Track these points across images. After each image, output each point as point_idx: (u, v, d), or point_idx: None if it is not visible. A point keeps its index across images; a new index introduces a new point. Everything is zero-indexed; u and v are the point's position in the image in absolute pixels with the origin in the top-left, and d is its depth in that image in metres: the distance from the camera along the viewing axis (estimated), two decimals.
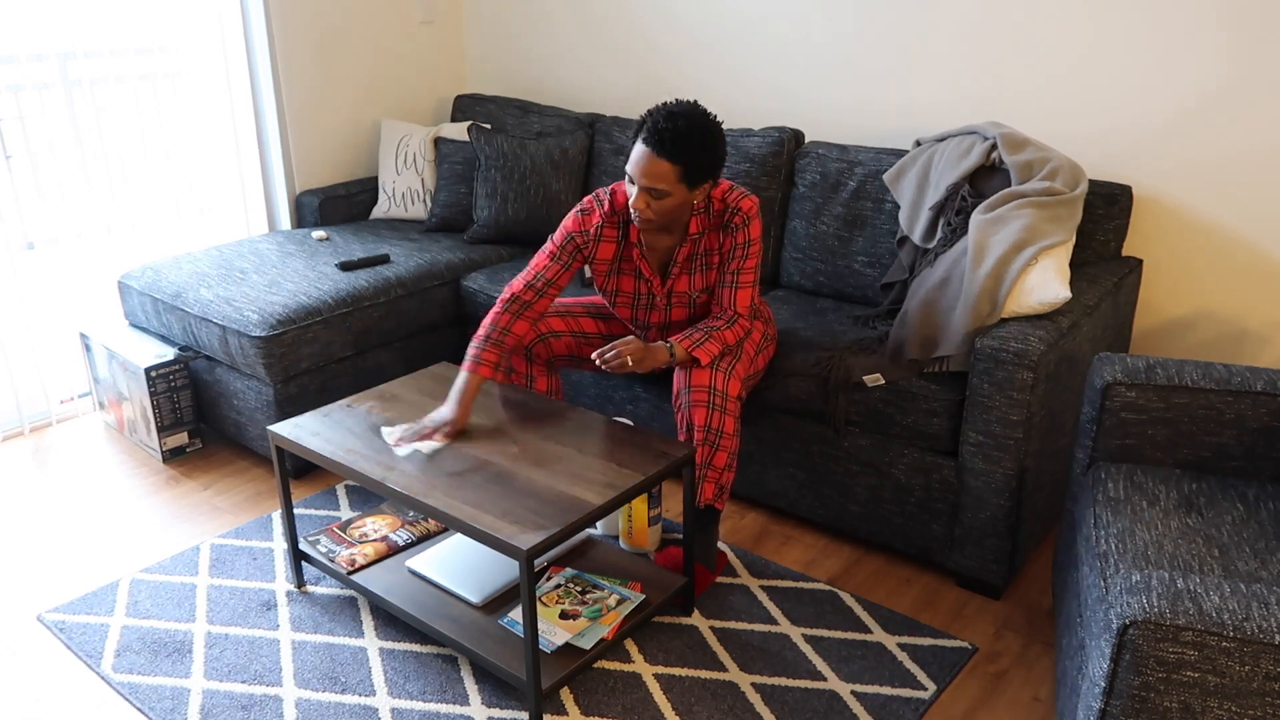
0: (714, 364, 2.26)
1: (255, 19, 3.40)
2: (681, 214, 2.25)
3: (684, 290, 2.37)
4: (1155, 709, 1.42)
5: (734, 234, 2.28)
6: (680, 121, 2.09)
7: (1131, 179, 2.66)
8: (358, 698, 2.05)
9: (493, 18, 3.93)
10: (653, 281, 2.36)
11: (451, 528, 1.98)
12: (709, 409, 2.23)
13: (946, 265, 2.43)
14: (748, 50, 3.26)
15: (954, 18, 2.82)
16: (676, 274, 2.35)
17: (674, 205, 2.17)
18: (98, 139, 3.25)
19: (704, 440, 2.24)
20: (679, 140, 2.08)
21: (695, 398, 2.24)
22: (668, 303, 2.39)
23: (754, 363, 2.40)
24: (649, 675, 2.11)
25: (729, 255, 2.31)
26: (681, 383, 2.28)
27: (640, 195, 2.16)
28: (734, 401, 2.26)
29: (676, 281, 2.36)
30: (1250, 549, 1.69)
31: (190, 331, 2.94)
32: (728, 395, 2.25)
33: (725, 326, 2.30)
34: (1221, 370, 1.96)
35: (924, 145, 2.74)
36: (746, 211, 2.27)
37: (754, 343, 2.41)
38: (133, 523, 2.71)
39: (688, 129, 2.09)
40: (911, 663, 2.13)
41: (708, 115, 2.14)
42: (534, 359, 2.52)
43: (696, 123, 2.10)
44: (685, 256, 2.33)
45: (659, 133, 2.08)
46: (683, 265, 2.34)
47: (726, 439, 2.25)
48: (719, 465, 2.27)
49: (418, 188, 3.59)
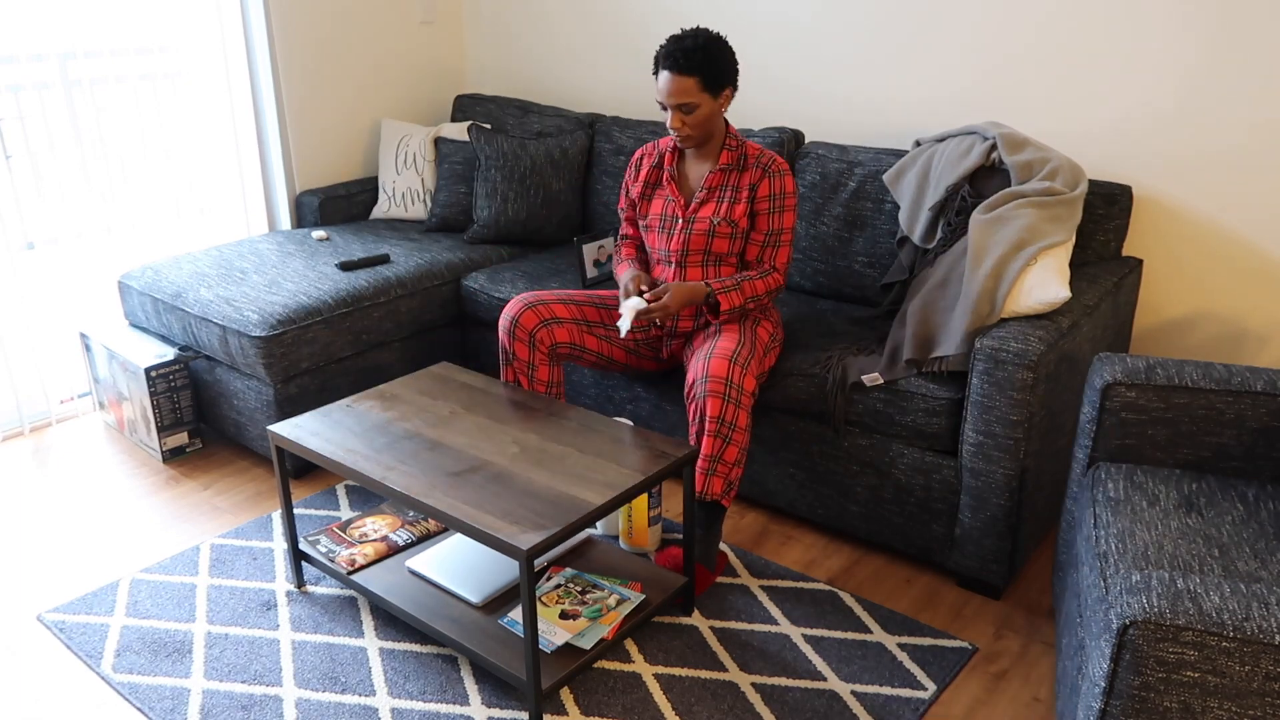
0: (733, 357, 2.27)
1: (255, 19, 3.41)
2: (714, 129, 2.45)
3: (707, 216, 2.47)
4: (1155, 709, 1.42)
5: (772, 180, 2.44)
6: (687, 40, 2.34)
7: (1131, 179, 2.66)
8: (358, 698, 2.05)
9: (493, 18, 3.93)
10: (678, 202, 2.52)
11: (451, 528, 1.98)
12: (724, 400, 2.24)
13: (946, 266, 2.43)
14: (747, 50, 3.26)
15: (954, 18, 2.83)
16: (703, 198, 2.49)
17: (705, 116, 2.38)
18: (98, 139, 3.25)
19: (715, 432, 2.24)
20: (690, 55, 2.32)
21: (711, 388, 2.24)
22: (689, 228, 2.49)
23: (763, 362, 2.42)
24: (649, 675, 2.11)
25: (766, 205, 2.45)
26: (698, 373, 2.28)
27: (674, 115, 2.39)
28: (749, 396, 2.27)
29: (702, 207, 2.49)
30: (1250, 549, 1.69)
31: (190, 331, 2.94)
32: (743, 389, 2.25)
33: (758, 276, 2.45)
34: (1221, 370, 1.96)
35: (924, 145, 2.74)
36: (781, 163, 2.46)
37: (763, 342, 2.43)
38: (133, 523, 2.71)
39: (694, 44, 2.33)
40: (911, 663, 2.14)
41: (709, 31, 2.37)
42: (536, 345, 2.52)
43: (702, 37, 2.34)
44: (712, 184, 2.48)
45: (672, 54, 2.33)
46: (709, 192, 2.48)
47: (739, 433, 2.26)
48: (729, 460, 2.27)
49: (418, 188, 3.60)
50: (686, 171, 2.55)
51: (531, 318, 2.52)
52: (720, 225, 2.46)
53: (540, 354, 2.54)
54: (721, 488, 2.30)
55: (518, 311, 2.52)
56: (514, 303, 2.55)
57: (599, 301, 2.61)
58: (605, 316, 2.60)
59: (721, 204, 2.46)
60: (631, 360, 2.66)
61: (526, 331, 2.51)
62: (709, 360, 2.27)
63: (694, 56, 2.31)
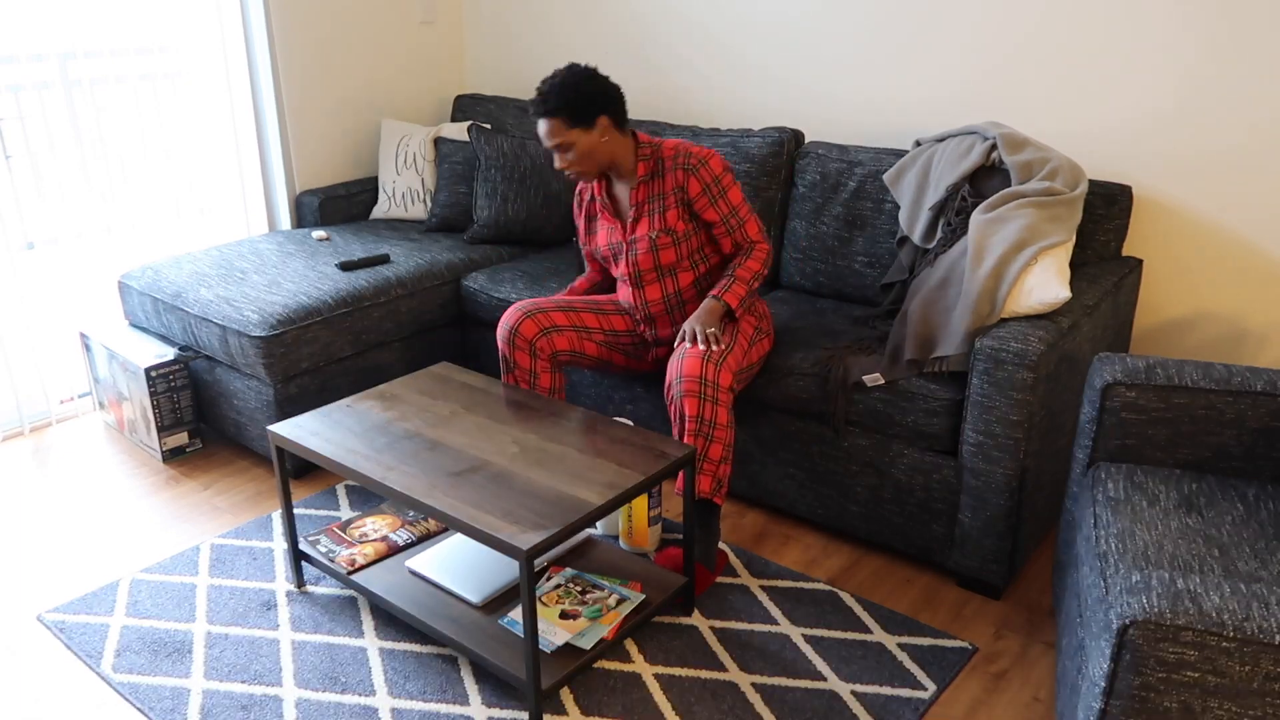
0: (706, 355, 2.27)
1: (255, 19, 3.40)
2: (607, 159, 2.44)
3: (644, 233, 2.48)
4: (1155, 709, 1.42)
5: (695, 173, 2.42)
6: (546, 83, 2.36)
7: (1131, 179, 2.66)
8: (358, 698, 2.05)
9: (493, 18, 3.93)
10: (616, 227, 2.54)
11: (451, 528, 1.98)
12: (700, 399, 2.24)
13: (946, 266, 2.43)
14: (747, 50, 3.26)
15: (955, 18, 2.83)
16: (634, 216, 2.50)
17: (584, 150, 2.39)
18: (98, 139, 3.25)
19: (696, 431, 2.25)
20: (547, 98, 2.35)
21: (686, 388, 2.24)
22: (633, 250, 2.50)
23: (748, 355, 2.41)
24: (649, 675, 2.11)
25: (705, 199, 2.44)
26: (673, 374, 2.28)
27: (558, 156, 2.42)
28: (726, 393, 2.26)
29: (636, 226, 2.50)
30: (1250, 549, 1.69)
31: (190, 331, 2.94)
32: (719, 386, 2.25)
33: (745, 258, 2.47)
34: (1221, 370, 1.96)
35: (924, 145, 2.74)
36: (699, 154, 2.43)
37: (746, 335, 2.43)
38: (133, 523, 2.71)
39: (551, 85, 2.35)
40: (911, 663, 2.14)
41: (571, 67, 2.38)
42: (537, 354, 2.52)
43: (560, 76, 2.36)
44: (639, 199, 2.49)
45: (535, 100, 2.37)
46: (639, 208, 2.49)
47: (720, 430, 2.26)
48: (714, 458, 2.27)
49: (418, 188, 3.60)
50: (617, 195, 2.55)
51: (531, 327, 2.52)
52: (659, 238, 2.46)
53: (542, 362, 2.54)
54: (710, 485, 2.30)
55: (516, 321, 2.52)
56: (512, 311, 2.55)
57: (595, 307, 2.62)
58: (603, 322, 2.60)
59: (654, 216, 2.47)
60: (631, 362, 2.67)
61: (526, 340, 2.52)
62: (683, 360, 2.28)
63: (550, 99, 2.33)
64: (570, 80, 2.34)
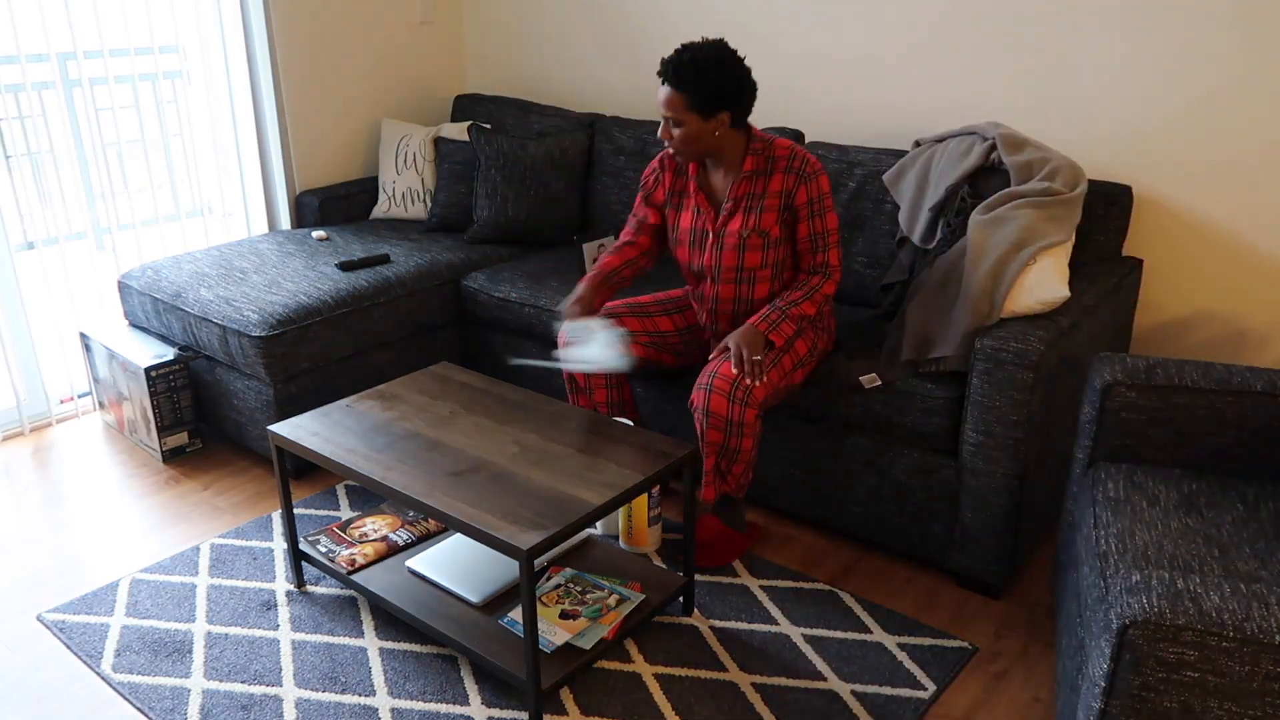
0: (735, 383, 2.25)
1: (255, 19, 3.40)
2: (712, 148, 2.32)
3: (736, 229, 2.36)
4: (1155, 709, 1.42)
5: (807, 183, 2.32)
6: (687, 54, 2.22)
7: (1131, 179, 2.66)
8: (358, 698, 2.05)
9: (493, 18, 3.93)
10: (707, 215, 2.40)
11: (451, 528, 1.98)
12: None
13: (946, 266, 2.43)
14: (747, 50, 3.26)
15: (954, 18, 2.82)
16: (729, 210, 2.37)
17: (692, 134, 2.27)
18: (98, 139, 3.25)
19: (717, 425, 2.26)
20: (682, 70, 2.21)
21: (718, 384, 2.25)
22: (719, 242, 2.39)
23: (789, 376, 2.37)
24: (649, 675, 2.11)
25: (806, 211, 2.34)
26: (711, 369, 2.29)
27: (664, 125, 2.30)
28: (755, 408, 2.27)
29: (730, 220, 2.37)
30: (1250, 549, 1.69)
31: (190, 331, 2.94)
32: (750, 391, 2.25)
33: (804, 298, 2.33)
34: (1221, 370, 1.96)
35: (923, 146, 2.74)
36: (814, 163, 2.33)
37: (796, 357, 2.37)
38: (133, 523, 2.71)
39: (692, 59, 2.21)
40: (911, 663, 2.14)
41: (720, 48, 2.23)
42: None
43: (703, 53, 2.21)
44: (739, 194, 2.36)
45: (666, 64, 2.24)
46: (736, 202, 2.36)
47: (748, 428, 2.27)
48: (736, 473, 2.34)
49: (418, 188, 3.60)
50: (714, 182, 2.42)
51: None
52: (750, 238, 2.34)
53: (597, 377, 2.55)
54: (734, 486, 2.37)
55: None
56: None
57: (639, 311, 2.57)
58: (646, 324, 2.56)
59: (750, 215, 2.34)
60: (683, 360, 2.64)
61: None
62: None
63: (685, 71, 2.20)
64: (708, 63, 2.20)
